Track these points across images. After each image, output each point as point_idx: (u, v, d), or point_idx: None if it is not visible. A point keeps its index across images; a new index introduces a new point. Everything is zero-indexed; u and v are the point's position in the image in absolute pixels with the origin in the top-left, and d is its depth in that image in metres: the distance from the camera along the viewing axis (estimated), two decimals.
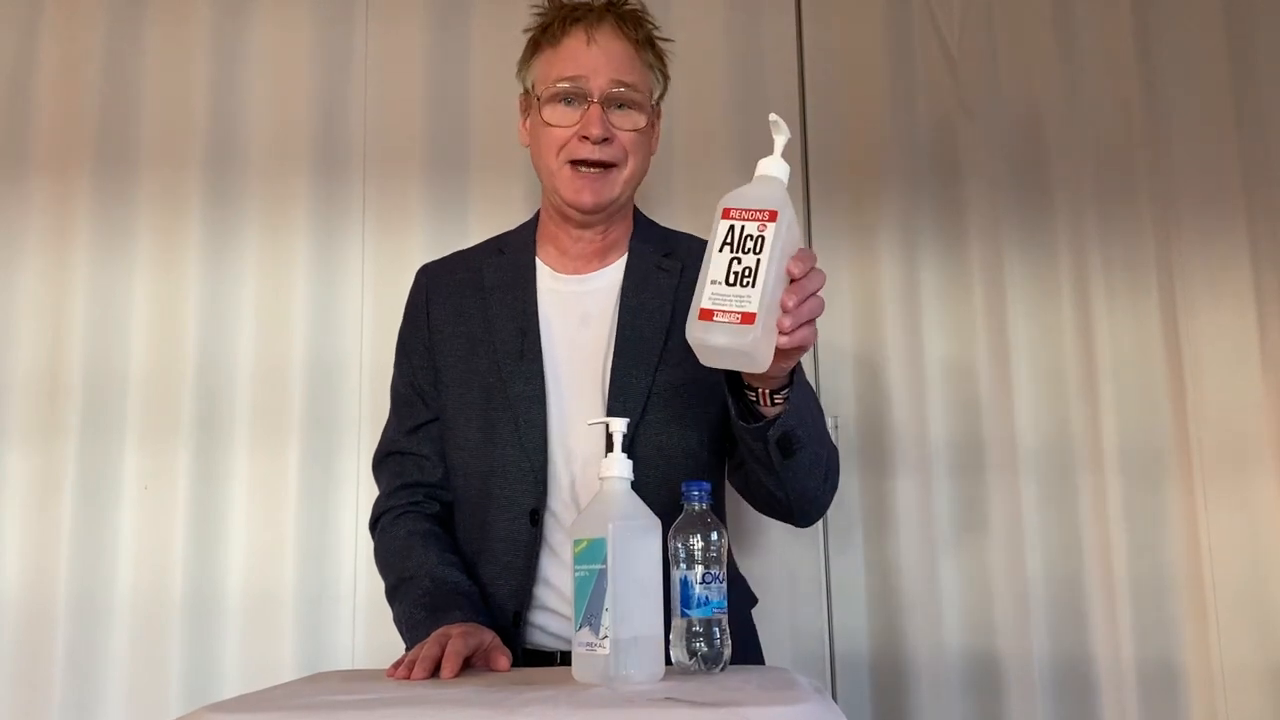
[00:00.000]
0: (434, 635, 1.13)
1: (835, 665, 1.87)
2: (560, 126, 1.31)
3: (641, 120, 1.33)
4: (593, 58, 1.30)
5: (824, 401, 1.92)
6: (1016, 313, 1.95)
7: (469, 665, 1.12)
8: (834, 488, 1.30)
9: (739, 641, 1.20)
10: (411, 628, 1.25)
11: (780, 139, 1.08)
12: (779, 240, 1.01)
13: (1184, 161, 1.97)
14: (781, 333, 1.01)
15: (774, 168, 1.07)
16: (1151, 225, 1.96)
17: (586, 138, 1.29)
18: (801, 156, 1.99)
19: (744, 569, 1.48)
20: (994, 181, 1.98)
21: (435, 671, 1.07)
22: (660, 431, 1.30)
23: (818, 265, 1.05)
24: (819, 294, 1.05)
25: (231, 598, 1.84)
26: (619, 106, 1.31)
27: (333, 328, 1.93)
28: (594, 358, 1.33)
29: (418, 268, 1.49)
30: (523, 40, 1.96)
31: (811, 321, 1.04)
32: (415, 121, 1.99)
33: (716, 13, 2.01)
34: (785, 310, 1.01)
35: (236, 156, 1.97)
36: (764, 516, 1.36)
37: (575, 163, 1.31)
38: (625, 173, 1.33)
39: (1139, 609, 1.84)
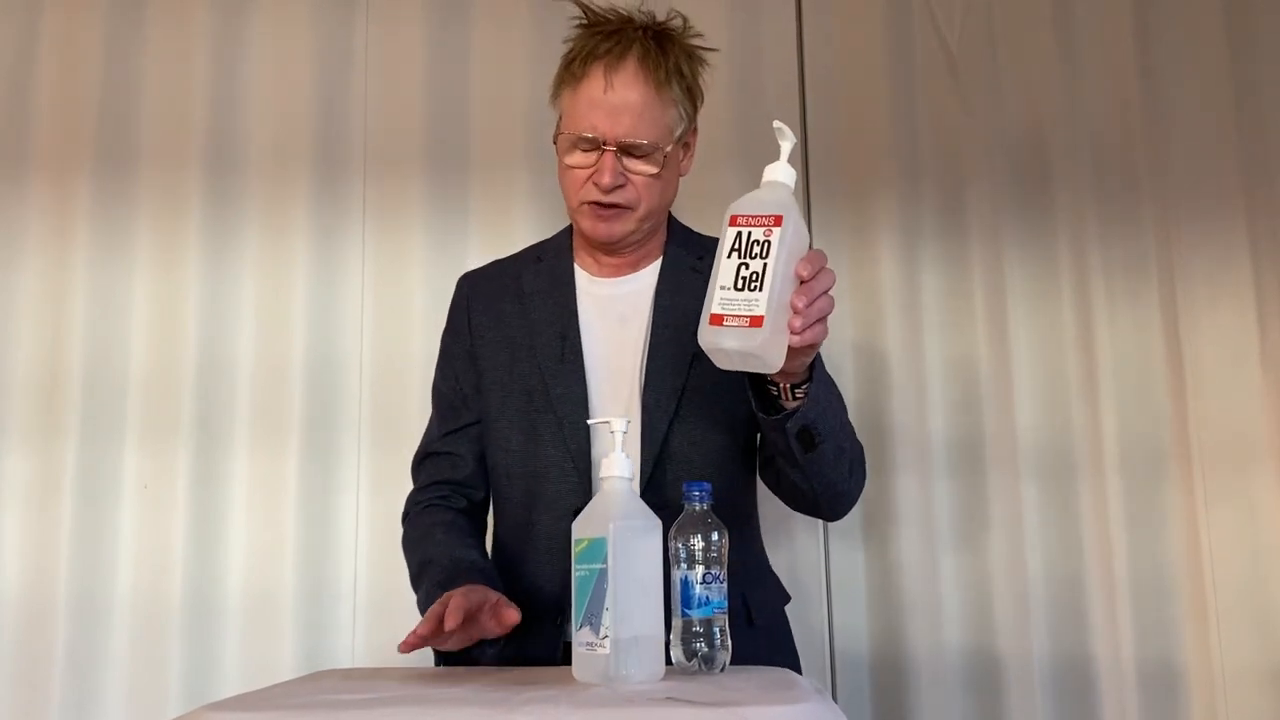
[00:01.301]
0: (437, 601, 1.15)
1: (835, 665, 1.87)
2: (578, 168, 1.34)
3: (655, 167, 1.34)
4: (608, 109, 1.30)
5: None
6: (1016, 312, 1.95)
7: (476, 624, 1.13)
8: (860, 481, 1.34)
9: (773, 640, 1.21)
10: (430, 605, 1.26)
11: (786, 145, 1.11)
12: (785, 244, 1.04)
13: (1184, 162, 1.97)
14: (793, 333, 1.04)
15: (780, 173, 1.10)
16: (1151, 225, 1.96)
17: (598, 184, 1.32)
18: (802, 156, 1.99)
19: None
20: (994, 181, 1.98)
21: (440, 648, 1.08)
22: (693, 428, 1.32)
23: (827, 266, 1.07)
24: (829, 293, 1.08)
25: (231, 597, 1.84)
26: (633, 153, 1.32)
27: (332, 328, 1.93)
28: (631, 358, 1.36)
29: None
30: (522, 41, 1.99)
31: (823, 319, 1.07)
32: (415, 121, 1.99)
33: (717, 12, 2.00)
34: (796, 311, 1.04)
35: (236, 156, 1.97)
36: (779, 515, 1.37)
37: (590, 203, 1.34)
38: (639, 213, 1.35)
39: (1139, 609, 1.84)
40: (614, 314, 1.39)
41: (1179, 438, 1.89)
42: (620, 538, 1.00)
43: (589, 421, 1.25)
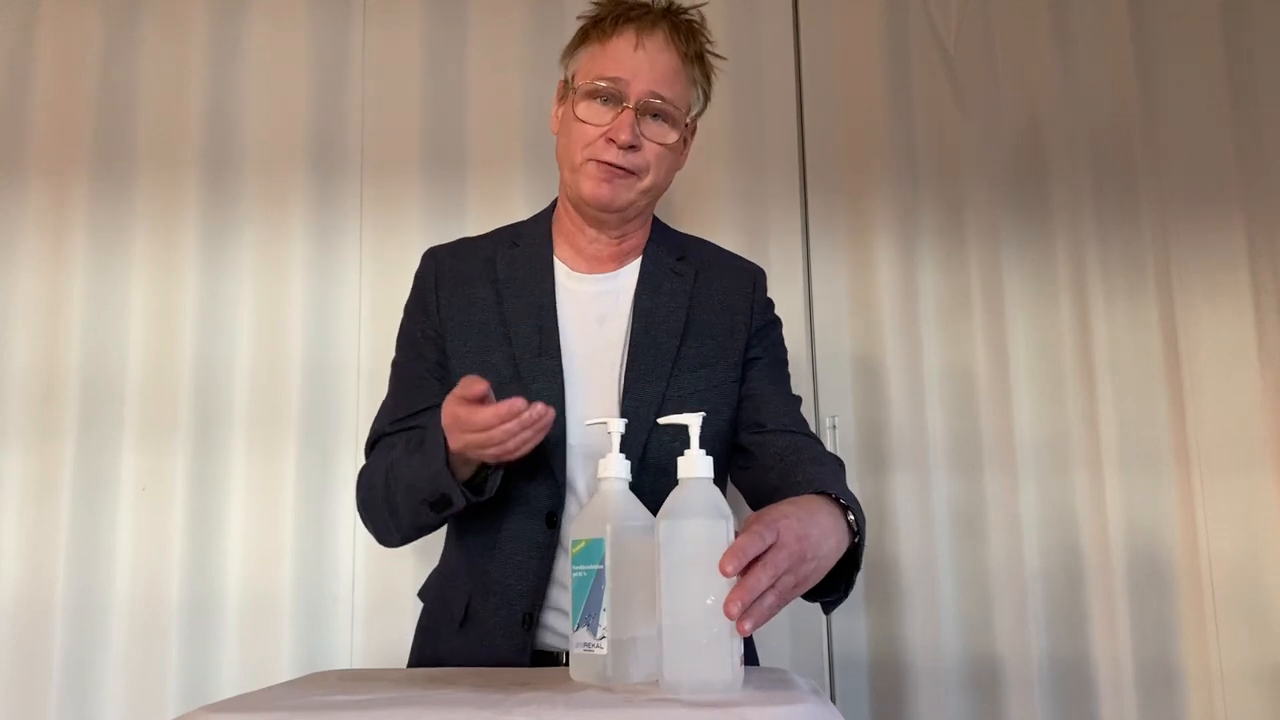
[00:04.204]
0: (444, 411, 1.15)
1: (834, 666, 1.87)
2: (591, 124, 1.30)
3: (672, 135, 1.32)
4: (637, 62, 1.28)
5: (822, 402, 1.92)
6: (1014, 312, 1.95)
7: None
8: None
9: None
10: (420, 456, 1.23)
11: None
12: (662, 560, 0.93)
13: (1181, 161, 1.97)
14: (744, 634, 0.91)
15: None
16: (1149, 224, 1.96)
17: (613, 141, 1.29)
18: (799, 158, 1.99)
19: None
20: (991, 182, 1.98)
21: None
22: (673, 437, 1.28)
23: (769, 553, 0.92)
24: (784, 580, 0.93)
25: (229, 598, 1.84)
26: (653, 117, 1.30)
27: (330, 328, 1.92)
28: (609, 359, 1.32)
29: (420, 257, 1.47)
30: (520, 43, 1.99)
31: (780, 600, 0.93)
32: (412, 121, 1.98)
33: (714, 13, 1.99)
34: (730, 616, 0.89)
35: (233, 156, 1.97)
36: None
37: (598, 161, 1.30)
38: (644, 183, 1.32)
39: (1137, 608, 1.84)
40: (593, 313, 1.35)
41: (1177, 437, 1.89)
42: (618, 538, 1.00)
43: (587, 422, 1.22)
